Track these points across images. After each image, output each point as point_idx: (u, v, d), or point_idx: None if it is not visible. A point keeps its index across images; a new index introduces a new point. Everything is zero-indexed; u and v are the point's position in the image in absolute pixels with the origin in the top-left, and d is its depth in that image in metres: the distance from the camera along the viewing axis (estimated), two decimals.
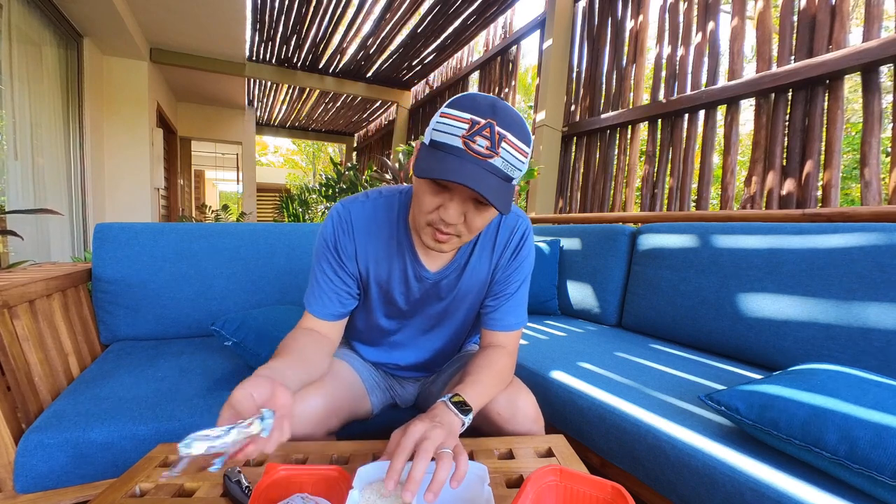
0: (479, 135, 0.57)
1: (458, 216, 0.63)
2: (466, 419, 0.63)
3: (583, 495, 0.51)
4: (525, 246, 0.83)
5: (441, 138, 0.60)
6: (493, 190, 0.58)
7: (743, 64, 2.10)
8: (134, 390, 0.97)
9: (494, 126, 0.58)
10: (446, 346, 0.93)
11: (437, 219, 0.65)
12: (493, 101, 0.60)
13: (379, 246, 0.79)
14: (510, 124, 0.59)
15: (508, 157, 0.59)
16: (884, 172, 1.68)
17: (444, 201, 0.63)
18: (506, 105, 0.61)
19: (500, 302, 0.83)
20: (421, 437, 0.54)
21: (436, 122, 0.61)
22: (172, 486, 0.60)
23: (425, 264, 0.80)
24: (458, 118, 0.58)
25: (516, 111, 0.62)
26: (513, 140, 0.59)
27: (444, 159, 0.59)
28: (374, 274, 0.81)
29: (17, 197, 2.59)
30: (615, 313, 1.70)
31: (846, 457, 0.61)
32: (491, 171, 0.59)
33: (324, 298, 0.79)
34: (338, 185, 5.43)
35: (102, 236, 1.31)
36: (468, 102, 0.60)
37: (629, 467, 0.91)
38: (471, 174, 0.57)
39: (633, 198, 2.71)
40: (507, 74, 4.06)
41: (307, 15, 4.05)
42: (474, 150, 0.58)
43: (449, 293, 0.83)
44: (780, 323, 1.17)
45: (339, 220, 0.78)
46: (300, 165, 17.34)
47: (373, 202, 0.80)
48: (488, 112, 0.58)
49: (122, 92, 4.06)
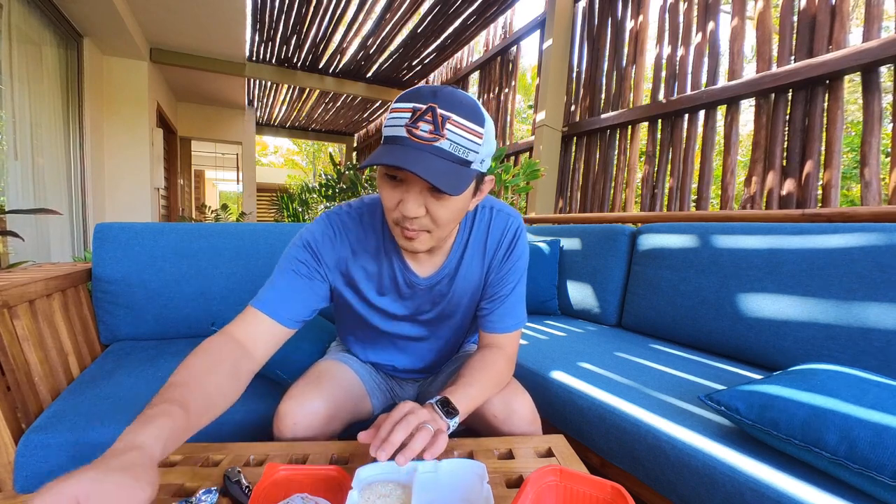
0: (422, 120, 0.57)
1: (418, 208, 0.62)
2: (452, 423, 0.63)
3: (583, 495, 0.51)
4: (518, 245, 0.81)
5: (389, 132, 0.60)
6: (440, 172, 0.57)
7: (743, 64, 2.10)
8: (134, 390, 0.97)
9: (436, 109, 0.57)
10: (444, 349, 0.93)
11: (399, 215, 0.64)
12: (437, 88, 0.60)
13: (367, 255, 0.78)
14: (454, 105, 0.58)
15: (456, 138, 0.58)
16: (884, 172, 1.68)
17: (401, 195, 0.62)
18: (452, 90, 0.60)
19: (496, 304, 0.82)
20: (408, 411, 0.58)
21: (386, 118, 0.61)
22: (172, 486, 0.60)
23: (415, 270, 0.79)
24: (402, 109, 0.59)
25: (466, 94, 0.61)
26: (459, 120, 0.58)
27: (389, 150, 0.58)
28: (366, 282, 0.80)
29: (17, 197, 2.59)
30: (615, 313, 1.70)
31: (846, 457, 0.61)
32: (437, 154, 0.58)
33: (288, 300, 0.73)
34: (338, 185, 5.43)
35: (102, 236, 1.31)
36: (412, 94, 0.60)
37: (629, 467, 0.91)
38: (413, 159, 0.56)
39: (633, 198, 2.71)
40: (507, 74, 4.06)
41: (307, 15, 4.05)
42: (417, 135, 0.57)
43: (443, 298, 0.82)
44: (780, 323, 1.17)
45: (325, 227, 0.77)
46: (300, 165, 17.34)
47: (356, 211, 0.79)
48: (429, 97, 0.58)
49: (122, 92, 4.06)
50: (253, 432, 0.94)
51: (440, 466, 0.57)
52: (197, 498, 0.53)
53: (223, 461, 0.67)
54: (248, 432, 0.94)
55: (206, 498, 0.53)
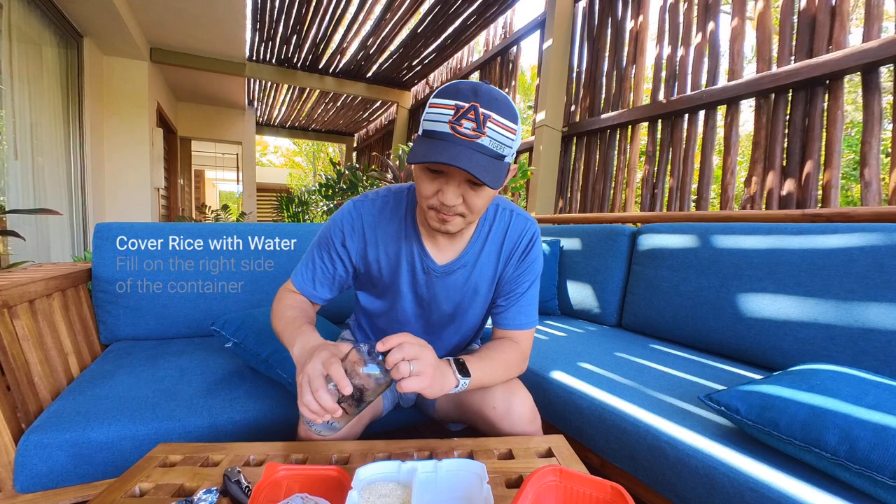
0: (465, 118, 0.61)
1: (457, 197, 0.67)
2: (462, 381, 0.68)
3: (582, 495, 0.51)
4: (533, 250, 0.86)
5: (431, 126, 0.64)
6: (483, 168, 0.62)
7: (743, 64, 2.10)
8: (134, 390, 0.97)
9: (478, 108, 0.61)
10: (453, 347, 0.96)
11: (437, 203, 0.68)
12: (476, 85, 0.64)
13: (387, 240, 0.83)
14: (494, 104, 0.62)
15: (495, 135, 0.62)
16: (884, 172, 1.69)
17: (441, 185, 0.67)
18: (489, 87, 0.64)
19: (511, 301, 0.86)
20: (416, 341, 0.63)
21: (426, 112, 0.65)
22: (172, 486, 0.60)
23: (433, 257, 0.82)
24: (444, 105, 0.62)
25: (500, 91, 0.65)
26: (498, 119, 0.62)
27: (434, 145, 0.62)
28: (384, 266, 0.84)
29: (17, 197, 2.59)
30: (615, 313, 1.70)
31: (846, 457, 0.61)
32: (479, 150, 0.62)
33: (317, 280, 0.85)
34: (337, 186, 5.43)
35: (102, 236, 1.31)
36: (452, 90, 0.63)
37: (629, 467, 0.91)
38: (460, 156, 0.60)
39: (633, 198, 2.71)
40: (507, 74, 4.06)
41: (307, 15, 4.05)
42: (461, 132, 0.61)
43: (457, 292, 0.85)
44: (780, 323, 1.17)
45: (350, 216, 0.82)
46: (300, 165, 17.35)
47: (382, 199, 0.84)
48: (471, 96, 0.62)
49: (122, 92, 4.06)
50: (253, 432, 0.94)
51: (440, 466, 0.57)
52: (197, 498, 0.53)
53: (223, 461, 0.67)
54: (247, 432, 0.94)
55: (207, 498, 0.53)
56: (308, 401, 0.57)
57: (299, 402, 0.59)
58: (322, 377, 0.58)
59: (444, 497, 0.55)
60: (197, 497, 0.53)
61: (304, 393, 0.58)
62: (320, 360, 0.59)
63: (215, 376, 1.07)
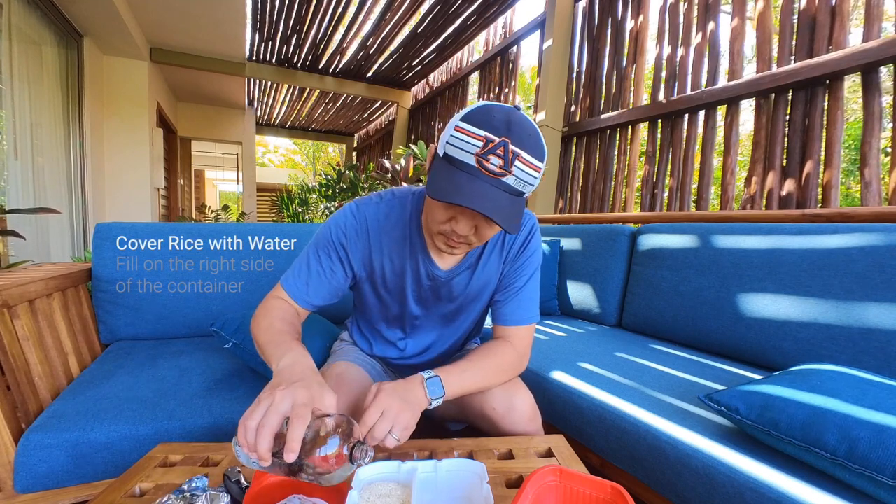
0: (493, 153, 0.58)
1: (470, 229, 0.66)
2: (434, 402, 0.67)
3: (582, 495, 0.51)
4: (532, 241, 0.85)
5: (455, 154, 0.61)
6: (503, 209, 0.60)
7: (743, 64, 2.10)
8: (134, 390, 0.97)
9: (509, 144, 0.58)
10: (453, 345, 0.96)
11: (448, 230, 0.67)
12: (509, 115, 0.60)
13: (392, 246, 0.81)
14: (524, 141, 0.60)
15: (521, 174, 0.60)
16: (884, 172, 1.68)
17: (455, 215, 0.66)
18: (522, 119, 0.61)
19: (509, 296, 0.85)
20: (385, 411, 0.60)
21: (451, 134, 0.62)
22: (172, 486, 0.60)
23: (437, 263, 0.81)
24: (474, 135, 0.59)
25: (532, 124, 0.62)
26: (526, 158, 0.60)
27: (457, 178, 0.60)
28: (388, 273, 0.82)
29: (17, 196, 2.59)
30: (615, 313, 1.70)
31: (846, 457, 0.61)
32: (502, 188, 0.60)
33: (311, 286, 0.80)
34: (337, 186, 5.43)
35: (102, 236, 1.31)
36: (484, 117, 0.60)
37: (629, 467, 0.91)
38: (482, 195, 0.59)
39: (633, 198, 2.71)
40: (507, 74, 4.06)
41: (307, 15, 4.05)
42: (487, 168, 0.59)
43: (461, 293, 0.85)
44: (780, 323, 1.17)
45: (353, 220, 0.80)
46: (300, 165, 17.34)
47: (386, 203, 0.81)
48: (503, 129, 0.59)
49: (122, 92, 4.06)
50: None
51: (440, 466, 0.57)
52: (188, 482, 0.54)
53: (223, 461, 0.67)
54: None
55: (198, 483, 0.54)
56: (249, 426, 0.48)
57: (241, 419, 0.49)
58: (281, 416, 0.49)
59: (444, 497, 0.55)
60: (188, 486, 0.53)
61: (253, 416, 0.49)
62: (294, 399, 0.50)
63: (215, 376, 1.07)
